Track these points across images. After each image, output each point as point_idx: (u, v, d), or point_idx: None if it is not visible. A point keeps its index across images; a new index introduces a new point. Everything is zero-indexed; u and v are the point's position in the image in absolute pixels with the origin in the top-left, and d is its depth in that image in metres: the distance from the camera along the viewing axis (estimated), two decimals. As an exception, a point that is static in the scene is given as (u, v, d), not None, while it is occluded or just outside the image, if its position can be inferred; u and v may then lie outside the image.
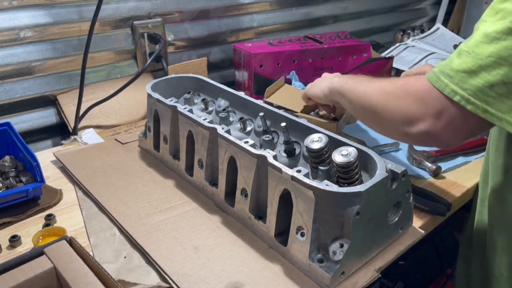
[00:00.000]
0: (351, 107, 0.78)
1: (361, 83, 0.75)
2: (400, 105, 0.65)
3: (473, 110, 0.57)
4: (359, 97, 0.74)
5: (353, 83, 0.77)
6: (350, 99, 0.77)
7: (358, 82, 0.76)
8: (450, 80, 0.59)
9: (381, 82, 0.70)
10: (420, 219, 0.78)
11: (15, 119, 1.06)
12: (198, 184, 0.83)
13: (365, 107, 0.72)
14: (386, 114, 0.67)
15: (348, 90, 0.78)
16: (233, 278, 0.63)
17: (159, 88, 0.96)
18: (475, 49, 0.58)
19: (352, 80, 0.79)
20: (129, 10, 1.17)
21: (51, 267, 0.54)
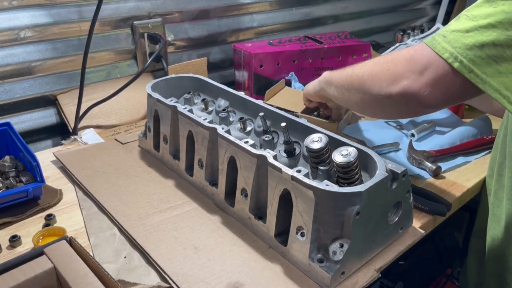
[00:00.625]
0: (339, 91, 0.80)
1: (347, 68, 0.79)
2: (387, 67, 0.66)
3: (459, 68, 0.58)
4: (347, 76, 0.77)
5: (342, 70, 0.81)
6: (338, 82, 0.80)
7: (344, 69, 0.80)
8: (444, 39, 0.60)
9: (368, 60, 0.74)
10: (420, 219, 0.78)
11: (15, 119, 1.06)
12: (198, 184, 0.83)
13: (353, 83, 0.75)
14: (372, 79, 0.69)
15: (336, 75, 0.82)
16: (233, 278, 0.63)
17: (159, 88, 0.96)
18: (473, 12, 0.59)
19: (339, 70, 0.83)
20: (129, 10, 1.17)
21: (51, 267, 0.54)
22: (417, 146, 0.98)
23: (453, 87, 0.60)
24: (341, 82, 0.79)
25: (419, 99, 0.63)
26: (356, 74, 0.74)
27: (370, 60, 0.74)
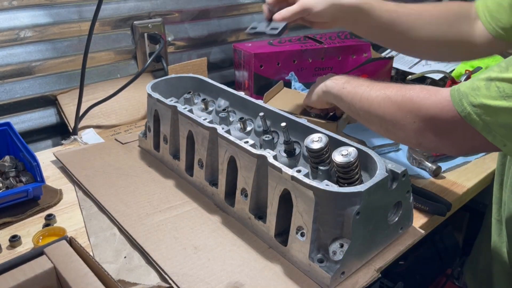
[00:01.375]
0: (352, 112, 0.77)
1: (360, 88, 0.74)
2: (411, 119, 0.64)
3: (492, 141, 0.58)
4: (362, 104, 0.72)
5: (352, 88, 0.76)
6: (350, 105, 0.76)
7: (357, 87, 0.75)
8: (473, 109, 0.57)
9: (386, 89, 0.69)
10: (420, 219, 0.78)
11: (15, 119, 1.06)
12: (198, 184, 0.83)
13: (371, 114, 0.71)
14: (396, 124, 0.67)
15: (347, 95, 0.77)
16: (233, 278, 0.63)
17: (159, 88, 0.96)
18: (505, 87, 0.55)
19: (349, 84, 0.78)
20: (129, 10, 1.17)
21: (51, 267, 0.54)
22: (417, 146, 0.98)
23: (480, 147, 0.64)
24: (355, 105, 0.75)
25: (452, 152, 0.66)
26: (374, 108, 0.70)
27: (381, 91, 0.70)
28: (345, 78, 0.81)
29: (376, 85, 0.72)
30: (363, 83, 0.75)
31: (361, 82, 0.76)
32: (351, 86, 0.77)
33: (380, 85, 0.71)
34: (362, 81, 0.76)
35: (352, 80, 0.79)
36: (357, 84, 0.76)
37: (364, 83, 0.75)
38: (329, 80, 0.83)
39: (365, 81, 0.75)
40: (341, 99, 0.79)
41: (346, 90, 0.77)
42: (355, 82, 0.77)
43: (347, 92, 0.77)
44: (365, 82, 0.75)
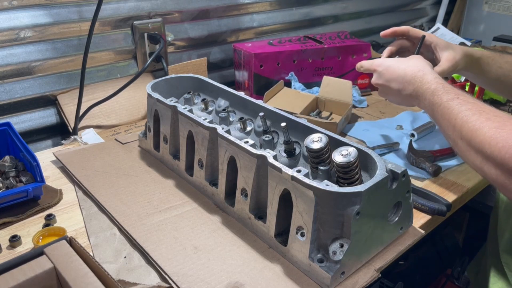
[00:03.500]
0: (448, 131, 0.68)
1: (470, 111, 0.64)
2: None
3: None
4: (468, 131, 0.63)
5: (457, 106, 0.67)
6: (451, 125, 0.67)
7: (466, 109, 0.65)
8: None
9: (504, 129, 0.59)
10: (420, 219, 0.78)
11: (15, 119, 1.06)
12: (198, 184, 0.83)
13: (471, 145, 0.62)
14: (501, 175, 0.58)
15: (448, 112, 0.68)
16: (233, 278, 0.63)
17: (159, 88, 0.96)
18: None
19: (454, 100, 0.68)
20: (129, 10, 1.17)
21: (51, 267, 0.54)
22: (417, 146, 0.98)
23: None
24: (456, 128, 0.66)
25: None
26: (481, 143, 0.60)
27: (499, 131, 0.59)
28: (446, 87, 0.72)
29: (490, 116, 0.62)
30: (473, 106, 0.65)
31: (467, 99, 0.67)
32: (455, 103, 0.68)
33: (496, 118, 0.61)
34: (468, 100, 0.67)
35: (455, 94, 0.69)
36: (463, 102, 0.67)
37: (473, 106, 0.65)
38: (429, 74, 0.76)
39: (474, 104, 0.66)
40: (433, 110, 0.72)
41: (448, 104, 0.69)
42: (461, 98, 0.68)
43: (449, 109, 0.68)
44: (474, 105, 0.65)
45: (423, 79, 0.76)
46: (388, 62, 0.83)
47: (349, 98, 1.15)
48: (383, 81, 0.83)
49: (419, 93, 0.76)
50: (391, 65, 0.82)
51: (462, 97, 0.68)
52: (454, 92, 0.70)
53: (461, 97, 0.68)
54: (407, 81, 0.78)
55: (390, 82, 0.82)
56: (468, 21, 2.06)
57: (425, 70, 0.77)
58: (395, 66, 0.81)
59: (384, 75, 0.83)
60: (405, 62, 0.81)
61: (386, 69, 0.83)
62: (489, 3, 1.96)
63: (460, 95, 0.68)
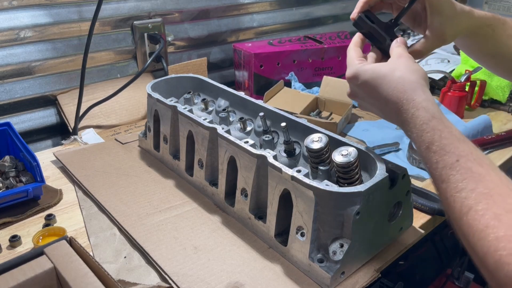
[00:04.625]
0: (427, 164, 0.52)
1: (473, 195, 0.46)
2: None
3: None
4: (454, 198, 0.47)
5: (457, 179, 0.48)
6: (447, 201, 0.49)
7: (469, 191, 0.46)
8: None
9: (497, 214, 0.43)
10: (420, 219, 0.78)
11: (15, 119, 1.06)
12: (198, 184, 0.83)
13: (470, 246, 0.46)
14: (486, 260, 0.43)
15: (444, 184, 0.49)
16: (233, 278, 0.63)
17: (159, 88, 0.96)
18: None
19: (452, 168, 0.48)
20: (129, 10, 1.17)
21: (51, 267, 0.54)
22: (417, 146, 0.98)
23: None
24: (435, 165, 0.50)
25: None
26: (470, 221, 0.45)
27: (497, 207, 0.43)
28: (442, 124, 0.52)
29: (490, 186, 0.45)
30: (473, 169, 0.47)
31: (467, 157, 0.48)
32: (451, 159, 0.49)
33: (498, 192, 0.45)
34: (469, 157, 0.48)
35: (463, 155, 0.49)
36: (463, 161, 0.48)
37: (475, 168, 0.47)
38: (418, 102, 0.54)
39: (476, 165, 0.48)
40: (421, 149, 0.54)
41: (447, 173, 0.49)
42: (462, 151, 0.49)
43: (439, 158, 0.50)
44: (476, 167, 0.47)
45: (408, 114, 0.55)
46: (365, 75, 0.59)
47: (349, 98, 1.15)
48: (360, 99, 0.64)
49: (407, 133, 0.58)
50: (368, 80, 0.59)
51: (464, 161, 0.48)
52: (453, 146, 0.50)
53: (462, 160, 0.48)
54: (389, 111, 0.59)
55: (369, 104, 0.63)
56: (468, 21, 2.06)
57: (413, 95, 0.55)
58: (373, 83, 0.59)
59: (359, 93, 0.63)
60: (388, 78, 0.57)
61: (363, 84, 0.60)
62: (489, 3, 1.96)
63: (462, 157, 0.48)
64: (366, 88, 0.60)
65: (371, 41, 0.67)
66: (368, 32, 0.68)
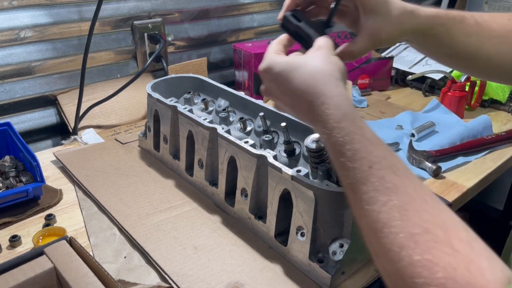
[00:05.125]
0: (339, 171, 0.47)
1: (389, 208, 0.40)
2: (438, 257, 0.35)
3: None
4: (366, 212, 0.41)
5: (369, 190, 0.42)
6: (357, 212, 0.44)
7: (383, 204, 0.40)
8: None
9: (415, 216, 0.38)
10: (420, 219, 0.77)
11: (15, 119, 1.06)
12: (198, 184, 0.83)
13: (374, 236, 0.41)
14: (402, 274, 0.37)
15: (354, 193, 0.44)
16: (233, 278, 0.63)
17: (159, 88, 0.96)
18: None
19: (366, 176, 0.42)
20: (129, 10, 1.17)
21: (51, 267, 0.54)
22: (417, 146, 0.98)
23: None
24: (352, 198, 0.44)
25: None
26: (385, 237, 0.39)
27: (411, 215, 0.38)
28: (360, 134, 0.47)
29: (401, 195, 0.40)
30: (380, 174, 0.42)
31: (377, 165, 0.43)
32: (363, 171, 0.43)
33: (411, 200, 0.40)
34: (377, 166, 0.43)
35: (376, 161, 0.43)
36: (373, 171, 0.42)
37: (380, 173, 0.42)
38: (327, 98, 0.47)
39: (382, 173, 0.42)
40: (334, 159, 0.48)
41: (358, 179, 0.43)
42: (369, 157, 0.44)
43: (357, 190, 0.43)
44: (381, 174, 0.42)
45: (318, 112, 0.48)
46: (278, 67, 0.53)
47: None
48: (274, 97, 0.56)
49: (319, 134, 0.51)
50: (281, 72, 0.53)
51: (377, 168, 0.42)
52: (366, 151, 0.45)
53: (375, 167, 0.42)
54: (301, 108, 0.51)
55: (283, 102, 0.55)
56: (468, 21, 2.06)
57: (323, 90, 0.49)
58: (285, 76, 0.52)
59: (273, 90, 0.55)
60: (300, 69, 0.51)
61: (275, 77, 0.53)
62: (489, 3, 1.96)
63: (375, 164, 0.43)
64: (279, 81, 0.53)
65: (299, 42, 0.62)
66: (295, 32, 0.63)
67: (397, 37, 0.62)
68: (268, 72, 0.54)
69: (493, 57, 0.64)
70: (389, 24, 0.59)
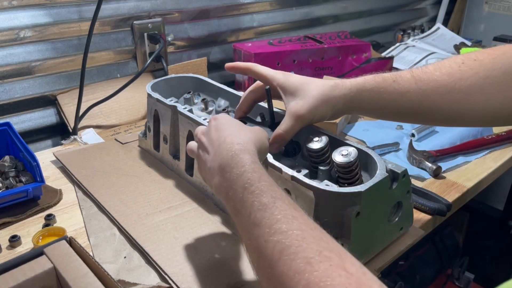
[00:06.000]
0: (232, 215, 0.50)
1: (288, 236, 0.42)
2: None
3: None
4: (267, 244, 0.42)
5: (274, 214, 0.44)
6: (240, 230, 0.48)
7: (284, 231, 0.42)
8: None
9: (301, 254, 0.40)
10: (420, 219, 0.78)
11: (15, 119, 1.06)
12: (198, 184, 0.83)
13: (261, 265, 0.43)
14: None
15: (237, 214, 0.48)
16: (233, 278, 0.63)
17: (159, 88, 0.96)
18: None
19: (273, 203, 0.45)
20: (129, 10, 1.17)
21: (51, 267, 0.54)
22: (417, 146, 0.98)
23: None
24: (243, 236, 0.47)
25: None
26: (268, 265, 0.41)
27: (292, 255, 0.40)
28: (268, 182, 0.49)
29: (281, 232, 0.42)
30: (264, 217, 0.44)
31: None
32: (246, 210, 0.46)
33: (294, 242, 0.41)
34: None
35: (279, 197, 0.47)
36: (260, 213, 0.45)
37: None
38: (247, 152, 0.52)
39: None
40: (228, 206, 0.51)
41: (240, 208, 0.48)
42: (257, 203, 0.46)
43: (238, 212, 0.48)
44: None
45: (234, 170, 0.50)
46: (222, 120, 0.59)
47: None
48: (207, 140, 0.58)
49: (224, 177, 0.52)
50: (225, 124, 0.58)
51: (280, 203, 0.46)
52: (271, 189, 0.47)
53: (278, 203, 0.46)
54: (220, 151, 0.54)
55: (210, 143, 0.57)
56: (468, 21, 2.06)
57: (247, 146, 0.53)
58: (225, 127, 0.57)
59: (204, 143, 0.58)
60: (239, 129, 0.57)
61: (215, 126, 0.58)
62: (489, 3, 1.96)
63: (278, 199, 0.46)
64: (218, 128, 0.57)
65: None
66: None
67: (327, 112, 0.67)
68: (214, 119, 0.60)
69: (445, 108, 0.64)
70: (311, 103, 0.65)
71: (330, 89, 0.66)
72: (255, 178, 0.48)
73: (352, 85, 0.66)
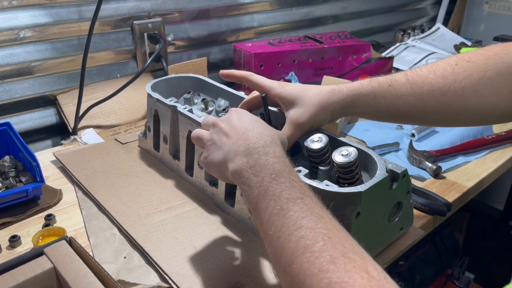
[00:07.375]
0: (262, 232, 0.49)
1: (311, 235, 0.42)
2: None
3: None
4: (290, 237, 0.43)
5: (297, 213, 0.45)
6: (261, 226, 0.48)
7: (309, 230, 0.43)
8: None
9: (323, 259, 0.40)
10: (420, 219, 0.78)
11: (15, 119, 1.06)
12: (198, 184, 0.83)
13: (278, 260, 0.44)
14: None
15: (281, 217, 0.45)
16: (233, 278, 0.63)
17: (159, 88, 0.96)
18: None
19: (296, 203, 0.46)
20: (129, 10, 1.17)
21: (51, 267, 0.54)
22: (417, 146, 0.98)
23: None
24: (264, 234, 0.47)
25: None
26: (288, 265, 0.42)
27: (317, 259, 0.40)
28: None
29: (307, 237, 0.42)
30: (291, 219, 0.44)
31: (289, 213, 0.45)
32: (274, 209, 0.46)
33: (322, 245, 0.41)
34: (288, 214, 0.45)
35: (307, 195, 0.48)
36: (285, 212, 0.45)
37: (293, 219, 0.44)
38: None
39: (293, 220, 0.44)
40: (250, 206, 0.51)
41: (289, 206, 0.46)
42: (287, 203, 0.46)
43: (262, 209, 0.48)
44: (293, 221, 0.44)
45: (260, 153, 0.51)
46: (245, 113, 0.61)
47: None
48: (228, 126, 0.58)
49: (252, 160, 0.51)
50: (248, 116, 0.60)
51: (308, 200, 0.47)
52: (300, 185, 0.48)
53: (306, 199, 0.46)
54: (247, 137, 0.54)
55: (233, 128, 0.58)
56: (469, 21, 2.06)
57: (276, 141, 0.55)
58: (249, 119, 0.58)
59: (223, 128, 0.58)
60: (264, 124, 0.58)
61: (238, 116, 0.59)
62: (489, 3, 1.96)
63: (306, 196, 0.47)
64: (230, 123, 0.58)
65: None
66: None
67: (326, 117, 0.68)
68: (223, 120, 0.61)
69: (440, 110, 0.65)
70: (310, 110, 0.66)
71: (328, 96, 0.67)
72: (286, 171, 0.49)
73: (349, 90, 0.67)
